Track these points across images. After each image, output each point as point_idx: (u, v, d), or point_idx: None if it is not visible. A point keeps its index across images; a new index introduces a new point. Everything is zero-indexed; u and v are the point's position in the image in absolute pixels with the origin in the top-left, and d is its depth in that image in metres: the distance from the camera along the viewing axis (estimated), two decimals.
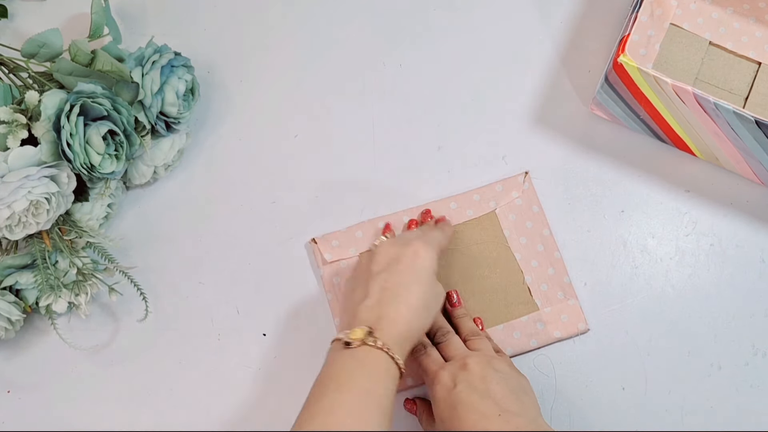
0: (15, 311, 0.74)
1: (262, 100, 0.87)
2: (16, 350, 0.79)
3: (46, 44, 0.76)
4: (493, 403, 0.62)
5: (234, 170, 0.85)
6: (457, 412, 0.62)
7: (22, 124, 0.70)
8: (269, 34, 0.90)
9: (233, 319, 0.80)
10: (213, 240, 0.82)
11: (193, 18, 0.90)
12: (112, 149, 0.74)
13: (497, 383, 0.64)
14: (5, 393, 0.78)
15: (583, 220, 0.82)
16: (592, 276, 0.80)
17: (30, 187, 0.68)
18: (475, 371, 0.65)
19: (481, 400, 0.62)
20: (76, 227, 0.76)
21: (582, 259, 0.81)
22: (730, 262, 0.81)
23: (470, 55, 0.88)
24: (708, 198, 0.84)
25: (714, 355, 0.78)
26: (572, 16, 0.89)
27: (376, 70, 0.88)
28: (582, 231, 0.82)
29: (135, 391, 0.78)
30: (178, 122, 0.79)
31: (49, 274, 0.74)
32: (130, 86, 0.74)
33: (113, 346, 0.79)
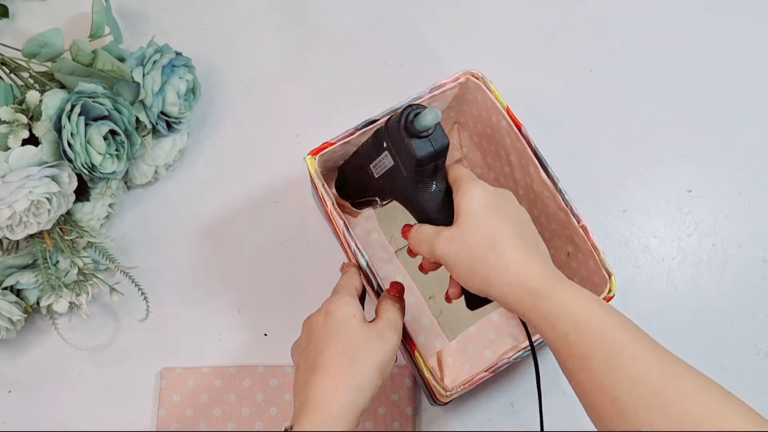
0: (16, 311, 0.73)
1: (262, 100, 0.87)
2: (18, 350, 0.79)
3: (47, 44, 0.76)
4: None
5: (235, 170, 0.85)
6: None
7: (23, 123, 0.70)
8: (270, 34, 0.90)
9: (234, 319, 0.80)
10: (214, 240, 0.82)
11: (194, 18, 0.90)
12: (113, 149, 0.74)
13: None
14: (6, 393, 0.78)
15: (585, 220, 0.82)
16: None
17: (31, 187, 0.68)
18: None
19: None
20: (77, 227, 0.76)
21: None
22: (732, 262, 0.81)
23: None
24: (710, 198, 0.84)
25: (716, 356, 0.78)
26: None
27: (377, 70, 0.88)
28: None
29: (136, 391, 0.78)
30: (179, 122, 0.79)
31: (50, 274, 0.74)
32: (131, 86, 0.74)
33: (114, 346, 0.79)
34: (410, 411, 0.76)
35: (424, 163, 0.57)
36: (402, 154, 0.58)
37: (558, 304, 0.52)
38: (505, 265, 0.54)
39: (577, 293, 0.53)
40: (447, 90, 0.70)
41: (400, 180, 0.59)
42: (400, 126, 0.56)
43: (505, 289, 0.54)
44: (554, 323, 0.51)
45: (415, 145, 0.56)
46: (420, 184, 0.59)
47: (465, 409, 0.77)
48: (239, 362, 0.78)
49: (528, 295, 0.53)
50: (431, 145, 0.56)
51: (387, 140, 0.58)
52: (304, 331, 0.62)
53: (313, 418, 0.55)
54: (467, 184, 0.58)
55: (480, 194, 0.57)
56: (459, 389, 0.65)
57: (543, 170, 0.68)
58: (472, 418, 0.77)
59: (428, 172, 0.58)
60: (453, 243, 0.56)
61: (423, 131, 0.55)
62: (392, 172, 0.60)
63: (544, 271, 0.54)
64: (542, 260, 0.55)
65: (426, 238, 0.59)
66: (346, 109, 0.87)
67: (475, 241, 0.55)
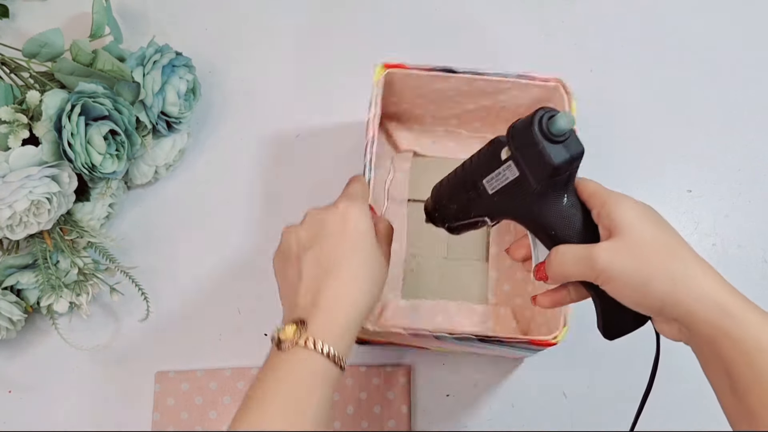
0: (16, 311, 0.74)
1: (263, 100, 0.87)
2: (18, 350, 0.79)
3: (48, 44, 0.76)
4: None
5: (235, 170, 0.85)
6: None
7: (23, 123, 0.70)
8: (270, 34, 0.90)
9: (234, 318, 0.80)
10: (214, 240, 0.82)
11: (195, 18, 0.90)
12: (113, 149, 0.74)
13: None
14: (6, 393, 0.78)
15: None
16: None
17: (31, 187, 0.68)
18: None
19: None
20: (78, 227, 0.76)
21: None
22: (732, 263, 0.81)
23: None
24: (710, 198, 0.84)
25: None
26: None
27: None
28: None
29: (136, 390, 0.78)
30: (179, 122, 0.79)
31: (50, 274, 0.74)
32: (131, 86, 0.74)
33: (114, 346, 0.79)
34: (405, 409, 0.76)
35: (560, 171, 0.50)
36: (533, 163, 0.50)
37: (760, 335, 0.46)
38: (695, 279, 0.48)
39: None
40: (532, 84, 0.70)
41: (525, 194, 0.52)
42: (534, 130, 0.49)
43: (694, 305, 0.48)
44: (751, 355, 0.46)
45: (552, 150, 0.49)
46: (550, 198, 0.52)
47: (464, 408, 0.77)
48: (238, 362, 0.78)
49: (724, 316, 0.47)
50: (567, 151, 0.50)
51: (512, 147, 0.51)
52: (312, 224, 0.57)
53: (336, 316, 0.53)
54: (613, 196, 0.52)
55: (634, 205, 0.52)
56: (380, 330, 0.64)
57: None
58: (471, 418, 0.77)
59: (561, 183, 0.52)
60: (619, 255, 0.49)
61: (560, 135, 0.49)
62: (515, 186, 0.53)
63: (734, 291, 0.48)
64: (719, 274, 0.50)
65: (576, 256, 0.52)
66: (346, 107, 0.87)
67: (651, 251, 0.49)
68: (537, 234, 0.55)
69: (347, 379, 0.76)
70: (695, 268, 0.49)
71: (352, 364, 0.77)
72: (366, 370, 0.77)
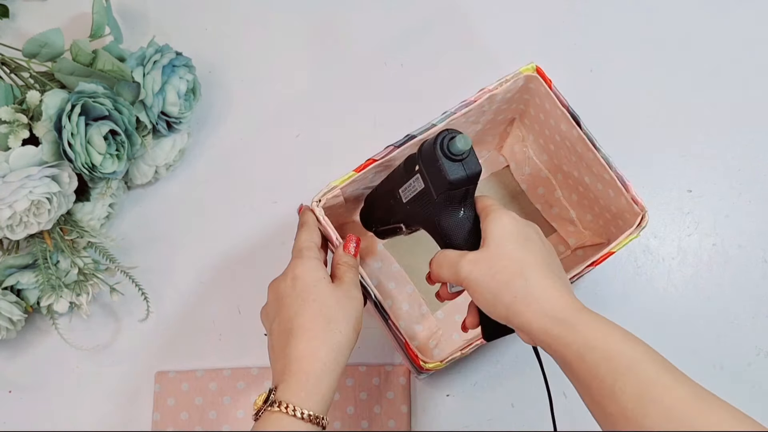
0: (16, 311, 0.73)
1: (263, 100, 0.87)
2: (18, 350, 0.79)
3: (48, 44, 0.76)
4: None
5: (235, 170, 0.85)
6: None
7: (23, 123, 0.70)
8: (270, 34, 0.90)
9: (235, 319, 0.80)
10: (214, 240, 0.82)
11: (195, 18, 0.90)
12: (113, 149, 0.74)
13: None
14: (6, 393, 0.78)
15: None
16: (593, 275, 0.80)
17: (31, 187, 0.68)
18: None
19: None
20: (78, 227, 0.76)
21: None
22: (733, 263, 0.81)
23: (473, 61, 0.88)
24: (710, 198, 0.84)
25: (716, 356, 0.78)
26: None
27: (378, 70, 0.88)
28: None
29: (136, 390, 0.78)
30: (179, 122, 0.79)
31: (50, 274, 0.74)
32: (131, 86, 0.74)
33: (114, 346, 0.79)
34: (405, 409, 0.76)
35: (455, 186, 0.56)
36: (434, 177, 0.57)
37: (587, 335, 0.51)
38: (533, 293, 0.53)
39: (604, 324, 0.52)
40: (506, 85, 0.71)
41: (429, 204, 0.59)
42: (436, 147, 0.56)
43: (530, 317, 0.53)
44: (583, 355, 0.51)
45: (449, 167, 0.56)
46: (448, 210, 0.59)
47: (464, 408, 0.77)
48: (238, 363, 0.78)
49: (555, 325, 0.52)
50: (464, 170, 0.56)
51: (420, 162, 0.58)
52: (272, 297, 0.62)
53: (298, 377, 0.56)
54: (496, 212, 0.58)
55: (509, 222, 0.57)
56: (455, 356, 0.65)
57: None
58: (471, 418, 0.77)
59: (458, 197, 0.58)
60: (478, 266, 0.56)
61: (458, 154, 0.56)
62: (422, 196, 0.60)
63: (570, 302, 0.53)
64: (567, 291, 0.55)
65: (449, 261, 0.58)
66: (347, 108, 0.87)
67: (502, 266, 0.55)
68: (438, 240, 0.61)
69: (347, 380, 0.76)
70: (536, 286, 0.54)
71: (352, 364, 0.77)
72: (366, 370, 0.77)
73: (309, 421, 0.54)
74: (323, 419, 0.56)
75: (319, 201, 0.68)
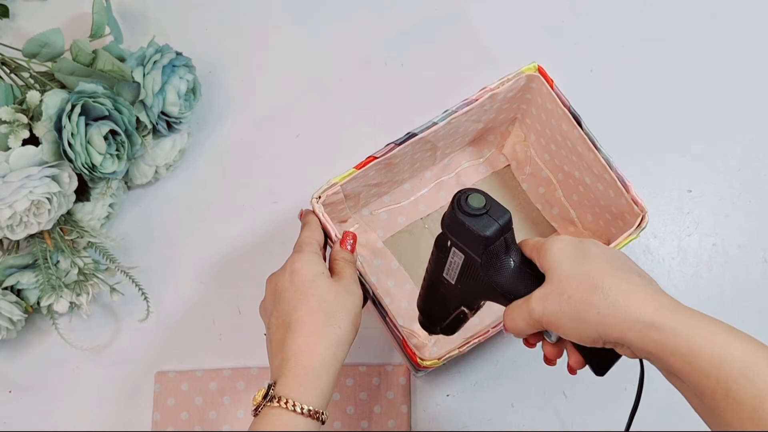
0: (16, 311, 0.73)
1: (263, 100, 0.87)
2: (18, 350, 0.79)
3: (48, 44, 0.76)
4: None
5: (235, 170, 0.85)
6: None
7: (23, 123, 0.70)
8: (270, 34, 0.90)
9: (235, 319, 0.80)
10: (214, 240, 0.82)
11: (195, 18, 0.90)
12: (113, 149, 0.74)
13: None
14: (6, 393, 0.78)
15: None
16: None
17: (31, 187, 0.68)
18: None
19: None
20: (78, 227, 0.76)
21: None
22: (733, 262, 0.81)
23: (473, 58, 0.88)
24: (710, 198, 0.84)
25: None
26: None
27: (378, 70, 0.88)
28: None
29: (136, 390, 0.78)
30: (179, 122, 0.79)
31: (50, 274, 0.74)
32: (131, 86, 0.74)
33: (114, 346, 0.79)
34: (405, 409, 0.76)
35: (492, 240, 0.54)
36: (469, 242, 0.55)
37: (690, 339, 0.47)
38: (616, 303, 0.49)
39: (706, 322, 0.48)
40: (506, 85, 0.71)
41: (477, 271, 0.56)
42: (456, 212, 0.54)
43: (623, 328, 0.48)
44: (690, 362, 0.47)
45: (478, 225, 0.54)
46: (497, 266, 0.56)
47: (464, 408, 0.77)
48: (238, 363, 0.78)
49: (652, 331, 0.48)
50: (493, 220, 0.54)
51: (449, 236, 0.56)
52: (270, 291, 0.61)
53: (297, 372, 0.55)
54: (545, 243, 0.55)
55: (561, 246, 0.53)
56: (452, 353, 0.65)
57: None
58: (471, 418, 0.77)
59: (501, 250, 0.56)
60: (549, 299, 0.52)
61: (479, 210, 0.54)
62: (467, 268, 0.57)
63: (660, 301, 0.49)
64: (652, 289, 0.50)
65: (519, 310, 0.54)
66: (347, 108, 0.87)
67: (572, 288, 0.51)
68: (503, 301, 0.57)
69: (347, 380, 0.76)
70: (617, 294, 0.49)
71: (352, 364, 0.77)
72: (366, 370, 0.77)
73: (308, 415, 0.54)
74: (322, 414, 0.55)
75: (319, 197, 0.68)
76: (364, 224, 0.81)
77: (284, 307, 0.59)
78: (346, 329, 0.58)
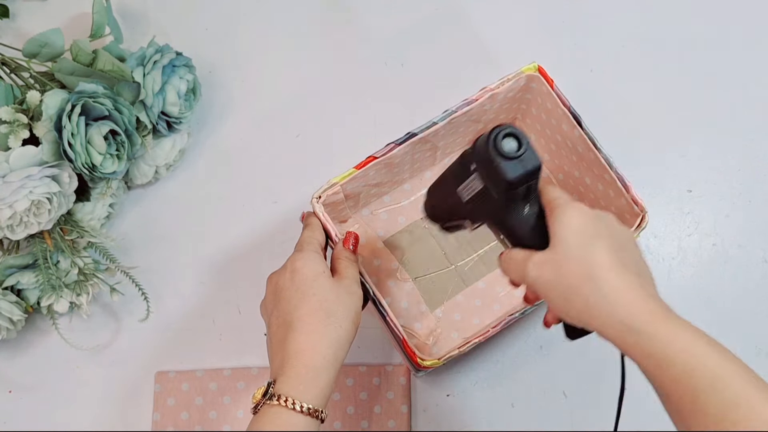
0: (17, 311, 0.73)
1: (263, 100, 0.87)
2: (18, 350, 0.79)
3: (48, 44, 0.76)
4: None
5: (235, 170, 0.85)
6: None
7: (23, 123, 0.70)
8: (270, 34, 0.90)
9: (235, 319, 0.80)
10: (214, 240, 0.82)
11: (195, 18, 0.90)
12: (113, 149, 0.74)
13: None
14: (7, 393, 0.78)
15: None
16: None
17: (31, 187, 0.68)
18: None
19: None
20: (78, 227, 0.76)
21: None
22: (733, 262, 0.81)
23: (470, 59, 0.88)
24: (710, 198, 0.84)
25: None
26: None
27: (378, 70, 0.88)
28: None
29: (136, 390, 0.78)
30: (179, 122, 0.79)
31: (50, 274, 0.74)
32: (131, 86, 0.74)
33: (114, 346, 0.79)
34: (405, 409, 0.76)
35: (515, 185, 0.53)
36: (492, 177, 0.54)
37: (666, 346, 0.48)
38: (605, 298, 0.49)
39: (686, 331, 0.48)
40: (506, 85, 0.71)
41: (490, 203, 0.56)
42: (489, 147, 0.52)
43: (603, 324, 0.50)
44: (663, 368, 0.47)
45: (506, 166, 0.52)
46: (511, 207, 0.55)
47: (464, 408, 0.77)
48: (238, 363, 0.78)
49: (631, 334, 0.49)
50: (522, 167, 0.52)
51: (476, 162, 0.55)
52: (270, 290, 0.61)
53: (297, 371, 0.55)
54: (562, 207, 0.54)
55: (576, 217, 0.52)
56: (452, 353, 0.65)
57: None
58: (471, 418, 0.77)
59: (520, 194, 0.55)
60: (545, 269, 0.52)
61: (513, 152, 0.52)
62: (482, 195, 0.56)
63: (647, 306, 0.49)
64: (645, 292, 0.50)
65: (516, 262, 0.55)
66: (347, 108, 0.87)
67: (570, 269, 0.51)
68: (506, 238, 0.58)
69: (347, 379, 0.77)
70: (608, 289, 0.50)
71: (352, 364, 0.77)
72: (366, 370, 0.77)
73: (308, 414, 0.54)
74: (322, 413, 0.55)
75: (319, 197, 0.68)
76: (365, 224, 0.81)
77: (285, 306, 0.59)
78: (346, 328, 0.58)
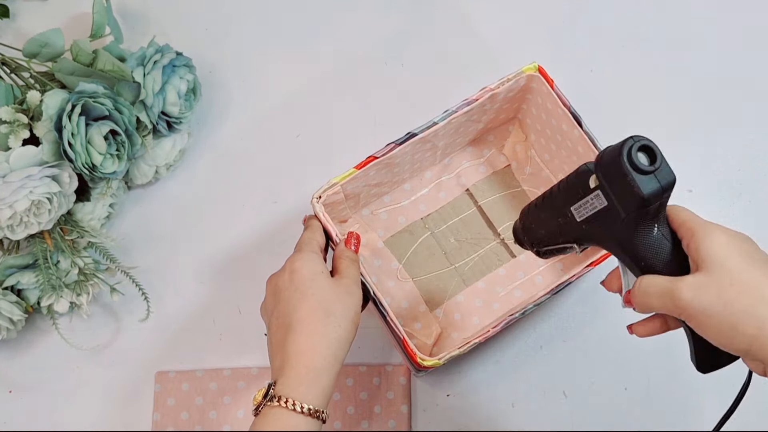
0: (17, 311, 0.73)
1: (263, 100, 0.87)
2: (18, 350, 0.79)
3: (48, 44, 0.76)
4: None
5: (235, 170, 0.85)
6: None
7: (23, 123, 0.70)
8: (270, 34, 0.90)
9: (235, 319, 0.80)
10: (214, 240, 0.82)
11: (195, 18, 0.90)
12: (113, 149, 0.74)
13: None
14: (7, 393, 0.78)
15: None
16: (593, 275, 0.80)
17: (32, 187, 0.68)
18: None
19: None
20: (78, 227, 0.76)
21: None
22: None
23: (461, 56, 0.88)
24: (710, 198, 0.84)
25: None
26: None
27: (378, 70, 0.88)
28: None
29: (136, 390, 0.78)
30: (179, 122, 0.79)
31: (50, 274, 0.74)
32: (131, 86, 0.74)
33: (114, 346, 0.79)
34: (405, 409, 0.76)
35: (650, 202, 0.49)
36: (621, 193, 0.49)
37: None
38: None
39: None
40: (506, 86, 0.71)
41: (614, 223, 0.51)
42: (623, 159, 0.48)
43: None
44: None
45: (641, 182, 0.48)
46: (640, 229, 0.51)
47: (464, 408, 0.77)
48: (238, 363, 0.78)
49: None
50: (658, 182, 0.49)
51: (600, 177, 0.50)
52: (270, 291, 0.61)
53: (297, 372, 0.55)
54: (705, 228, 0.51)
55: (726, 239, 0.50)
56: (452, 353, 0.65)
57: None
58: (471, 418, 0.77)
59: (651, 213, 0.51)
60: (704, 292, 0.48)
61: (649, 166, 0.49)
62: (603, 215, 0.51)
63: None
64: None
65: (661, 289, 0.50)
66: (347, 108, 0.87)
67: (736, 292, 0.47)
68: (626, 263, 0.54)
69: (347, 379, 0.77)
70: None
71: (352, 364, 0.77)
72: (366, 370, 0.77)
73: (309, 415, 0.54)
74: (323, 413, 0.55)
75: (320, 197, 0.68)
76: (365, 224, 0.81)
77: (284, 307, 0.59)
78: (346, 328, 0.58)
